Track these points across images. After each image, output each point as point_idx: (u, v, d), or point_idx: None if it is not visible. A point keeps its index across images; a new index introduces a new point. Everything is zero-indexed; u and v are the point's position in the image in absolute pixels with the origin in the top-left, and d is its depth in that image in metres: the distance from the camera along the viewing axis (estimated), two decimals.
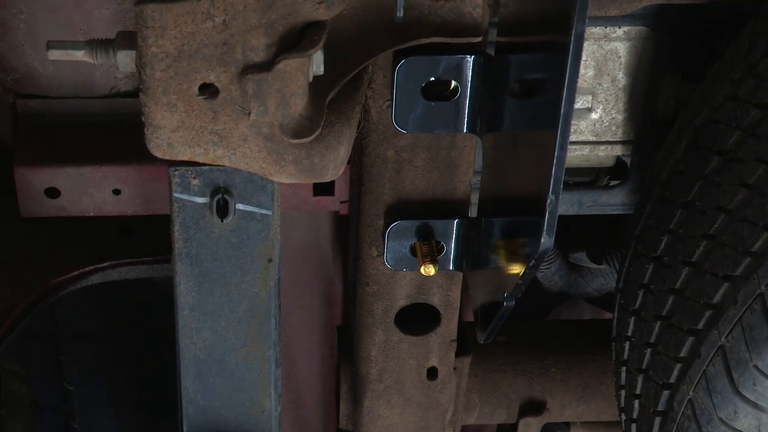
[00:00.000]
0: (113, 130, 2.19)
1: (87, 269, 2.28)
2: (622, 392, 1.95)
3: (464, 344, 2.24)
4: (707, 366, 1.68)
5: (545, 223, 1.45)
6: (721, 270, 1.63)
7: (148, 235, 2.33)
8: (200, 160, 1.67)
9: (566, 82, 1.34)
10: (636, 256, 1.82)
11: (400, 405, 2.21)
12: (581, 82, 1.92)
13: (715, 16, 1.85)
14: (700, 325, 1.66)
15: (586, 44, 1.87)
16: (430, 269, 1.89)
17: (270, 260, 1.90)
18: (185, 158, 1.66)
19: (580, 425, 2.54)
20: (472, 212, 1.94)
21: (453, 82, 1.74)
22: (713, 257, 1.65)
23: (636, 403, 1.89)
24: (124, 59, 1.59)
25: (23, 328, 2.26)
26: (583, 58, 1.89)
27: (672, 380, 1.76)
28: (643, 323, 1.79)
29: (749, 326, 1.59)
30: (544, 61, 1.48)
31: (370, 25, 1.66)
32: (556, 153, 1.39)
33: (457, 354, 2.18)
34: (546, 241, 1.47)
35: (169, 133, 1.62)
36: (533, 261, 1.54)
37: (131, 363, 2.84)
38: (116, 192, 2.17)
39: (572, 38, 1.31)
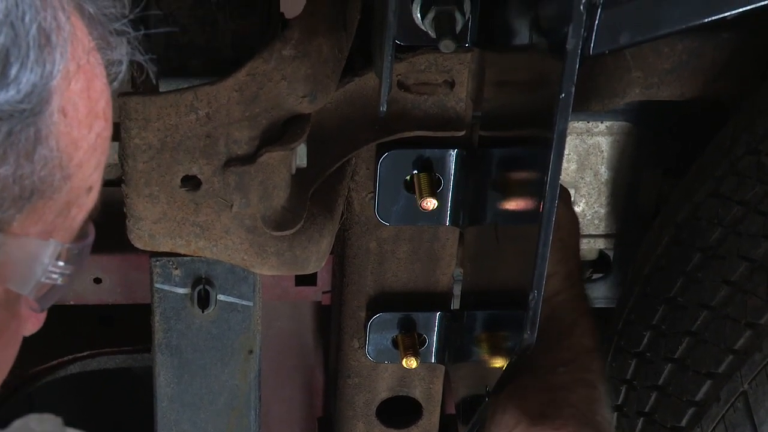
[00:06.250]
0: (96, 219, 2.18)
1: (65, 358, 2.26)
2: None
3: None
4: None
5: (528, 319, 1.44)
6: (704, 367, 1.62)
7: (129, 324, 2.31)
8: (182, 251, 1.66)
9: (549, 178, 1.35)
10: (619, 351, 1.82)
11: None
12: (564, 176, 1.93)
13: (696, 113, 1.87)
14: (683, 423, 1.65)
15: (569, 138, 1.88)
16: (412, 362, 1.88)
17: (251, 351, 1.89)
18: (167, 249, 1.66)
19: None
20: (455, 304, 1.94)
21: (436, 175, 1.74)
22: (696, 354, 1.64)
23: None
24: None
25: (0, 417, 2.23)
26: (566, 152, 1.90)
27: None
28: (626, 419, 1.78)
29: (732, 424, 1.58)
30: (526, 156, 1.49)
31: (354, 119, 1.67)
32: (539, 249, 1.39)
33: None
34: (528, 337, 1.46)
35: (151, 224, 1.62)
36: (515, 356, 1.53)
37: None
38: (97, 281, 2.16)
39: (555, 135, 1.31)
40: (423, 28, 1.49)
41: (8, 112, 0.84)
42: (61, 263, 0.94)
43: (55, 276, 0.94)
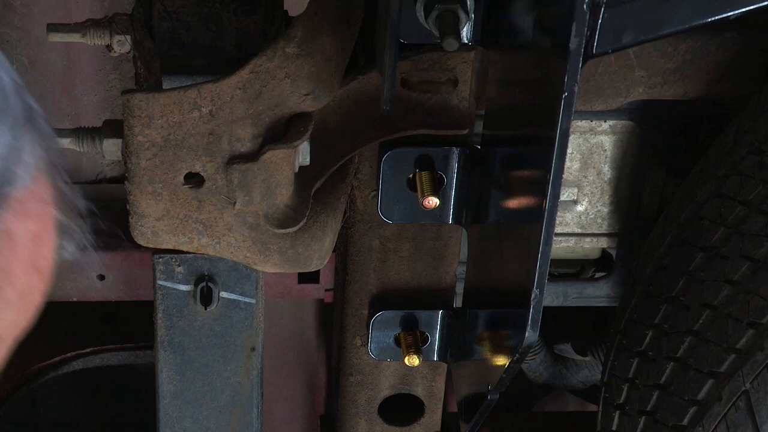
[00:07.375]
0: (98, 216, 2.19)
1: (68, 355, 2.26)
2: None
3: None
4: None
5: (529, 318, 1.44)
6: (706, 366, 1.62)
7: (132, 321, 2.31)
8: (185, 248, 1.67)
9: (551, 177, 1.35)
10: (621, 350, 1.82)
11: None
12: (567, 175, 1.93)
13: (699, 113, 1.86)
14: (685, 422, 1.65)
15: (572, 137, 1.88)
16: (414, 360, 1.88)
17: (253, 349, 1.89)
18: (169, 246, 1.66)
19: None
20: (457, 303, 1.94)
21: (438, 174, 1.74)
22: (698, 353, 1.64)
23: None
24: (111, 148, 1.59)
25: (3, 413, 2.23)
26: (569, 150, 1.90)
27: None
28: (628, 418, 1.78)
29: (734, 424, 1.58)
30: (529, 155, 1.49)
31: (357, 117, 1.67)
32: (540, 248, 1.39)
33: None
34: (530, 335, 1.46)
35: (154, 221, 1.62)
36: (518, 354, 1.53)
37: None
38: (100, 278, 2.16)
39: (558, 134, 1.31)
40: (426, 26, 1.49)
41: None
42: None
43: None
